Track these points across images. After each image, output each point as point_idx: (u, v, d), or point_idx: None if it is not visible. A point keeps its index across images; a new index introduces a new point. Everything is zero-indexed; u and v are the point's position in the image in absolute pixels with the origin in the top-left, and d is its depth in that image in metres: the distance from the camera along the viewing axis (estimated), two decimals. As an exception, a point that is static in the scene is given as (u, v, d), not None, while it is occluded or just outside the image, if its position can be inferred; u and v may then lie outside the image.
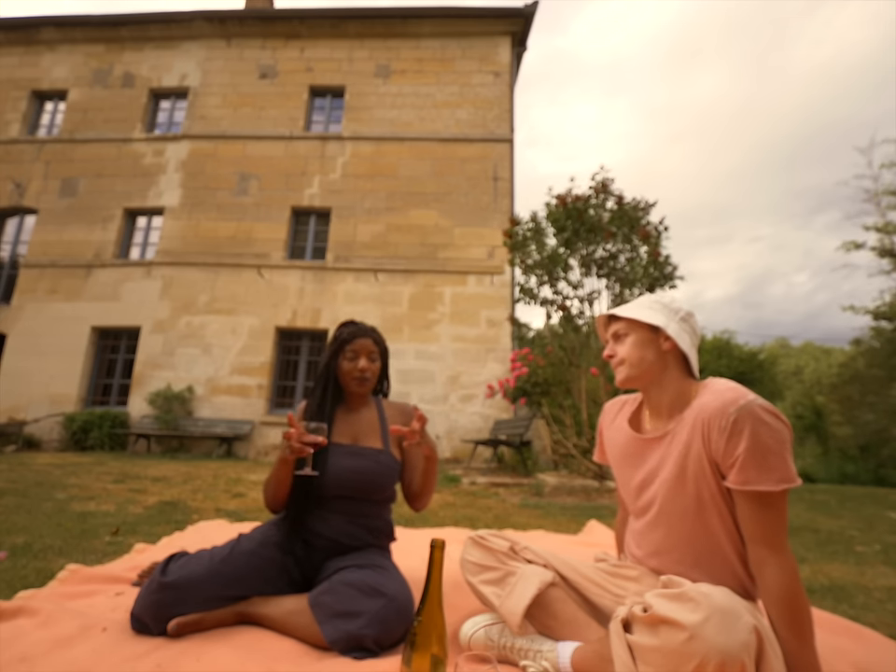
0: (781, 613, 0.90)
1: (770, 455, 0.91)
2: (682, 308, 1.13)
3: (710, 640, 0.77)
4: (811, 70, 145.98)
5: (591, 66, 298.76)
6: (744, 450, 0.92)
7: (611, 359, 1.15)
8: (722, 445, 0.95)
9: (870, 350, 13.12)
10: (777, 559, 0.92)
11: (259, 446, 8.06)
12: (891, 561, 2.43)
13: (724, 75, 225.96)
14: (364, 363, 1.46)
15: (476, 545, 1.25)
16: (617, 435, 1.22)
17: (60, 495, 3.37)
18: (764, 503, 0.93)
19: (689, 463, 1.02)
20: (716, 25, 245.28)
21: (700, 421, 1.00)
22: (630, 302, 1.18)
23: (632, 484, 1.17)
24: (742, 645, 0.78)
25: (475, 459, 7.19)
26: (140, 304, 8.84)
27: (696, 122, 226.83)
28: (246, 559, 1.28)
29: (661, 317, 1.09)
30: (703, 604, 0.82)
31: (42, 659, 1.05)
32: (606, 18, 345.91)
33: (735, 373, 18.11)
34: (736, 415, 0.93)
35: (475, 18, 9.86)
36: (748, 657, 0.78)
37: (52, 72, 10.35)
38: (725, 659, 0.76)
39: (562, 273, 5.57)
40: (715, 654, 0.76)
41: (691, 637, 0.79)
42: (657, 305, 1.13)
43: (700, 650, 0.77)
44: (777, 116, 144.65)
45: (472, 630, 1.18)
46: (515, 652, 1.10)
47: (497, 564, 1.19)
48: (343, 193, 9.26)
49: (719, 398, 0.98)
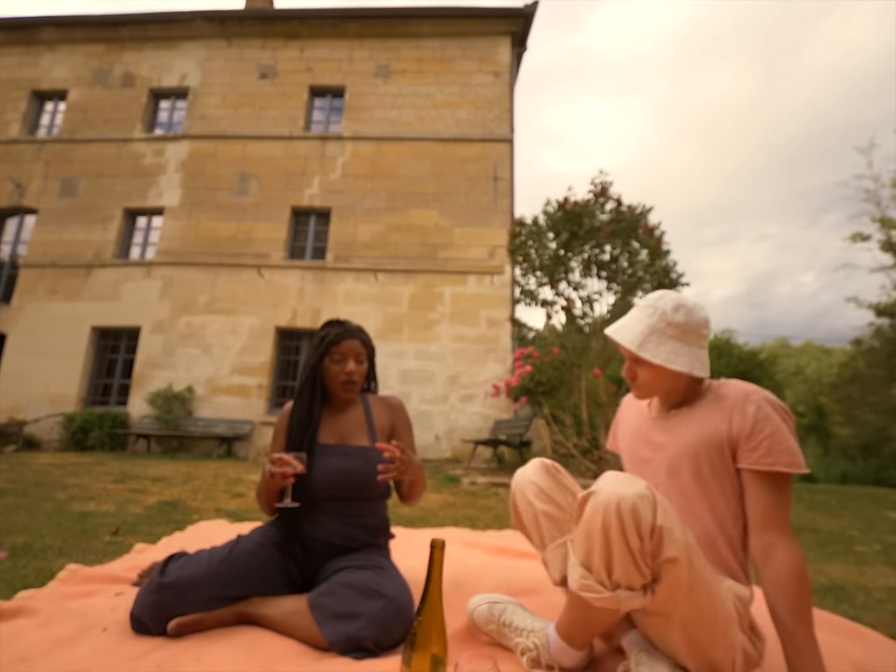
0: (788, 599, 0.93)
1: (789, 440, 1.00)
2: (678, 316, 1.10)
3: (609, 490, 0.90)
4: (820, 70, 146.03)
5: (603, 65, 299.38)
6: (769, 434, 1.00)
7: (632, 380, 1.18)
8: (748, 428, 1.02)
9: (870, 350, 13.12)
10: (786, 542, 0.97)
11: (259, 446, 8.06)
12: (891, 561, 2.43)
13: (733, 74, 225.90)
14: (352, 366, 1.43)
15: (547, 472, 1.24)
16: (633, 417, 1.28)
17: (60, 495, 3.37)
18: (779, 486, 1.00)
19: (695, 447, 1.08)
20: (727, 25, 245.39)
21: (723, 407, 1.07)
22: (629, 322, 1.15)
23: (635, 456, 1.22)
24: (635, 493, 0.87)
25: (475, 459, 7.19)
26: (140, 304, 8.84)
27: (703, 121, 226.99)
28: (246, 559, 1.28)
29: (681, 357, 1.08)
30: (607, 475, 0.95)
31: (42, 659, 1.05)
32: (621, 16, 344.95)
33: (736, 373, 18.10)
34: (758, 403, 1.03)
35: (475, 18, 9.85)
36: (641, 502, 0.86)
37: (52, 72, 10.35)
38: (620, 500, 0.87)
39: (563, 275, 5.58)
40: (613, 500, 0.87)
41: (596, 494, 0.91)
42: (661, 334, 1.10)
43: (602, 501, 0.89)
44: (784, 115, 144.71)
45: (477, 604, 1.24)
46: (512, 630, 1.15)
47: (565, 503, 1.20)
48: (343, 193, 9.26)
49: (740, 390, 1.07)
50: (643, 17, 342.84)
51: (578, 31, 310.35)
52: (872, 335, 12.91)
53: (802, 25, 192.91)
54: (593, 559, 0.90)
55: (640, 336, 1.11)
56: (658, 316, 1.11)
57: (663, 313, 1.11)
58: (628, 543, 0.86)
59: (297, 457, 1.28)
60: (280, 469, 1.24)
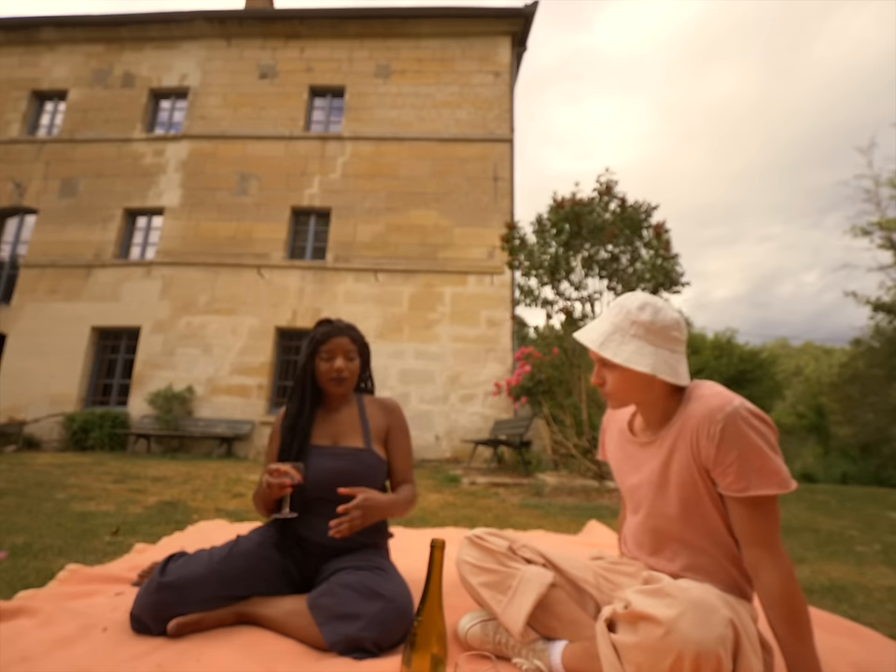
0: (779, 614, 0.90)
1: (763, 459, 0.92)
2: (643, 314, 1.04)
3: (686, 634, 0.77)
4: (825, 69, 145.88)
5: (609, 64, 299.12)
6: (737, 457, 0.93)
7: (600, 387, 1.13)
8: (713, 452, 0.95)
9: (870, 350, 13.12)
10: (772, 560, 0.92)
11: (258, 446, 8.06)
12: (891, 561, 2.43)
13: (738, 73, 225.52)
14: (340, 363, 1.43)
15: (473, 545, 1.22)
16: (617, 436, 1.24)
17: (60, 495, 3.37)
18: (759, 507, 0.94)
19: (672, 470, 1.03)
20: (733, 24, 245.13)
21: (687, 429, 1.00)
22: (596, 323, 1.11)
23: (626, 484, 1.19)
24: (718, 638, 0.77)
25: (475, 459, 7.19)
26: (140, 304, 8.84)
27: (708, 121, 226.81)
28: (245, 559, 1.28)
29: (645, 358, 1.02)
30: (679, 598, 0.82)
31: (42, 659, 1.05)
32: (627, 15, 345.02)
33: (736, 372, 18.13)
34: (724, 422, 0.94)
35: (475, 18, 9.85)
36: (724, 651, 0.77)
37: (52, 72, 10.35)
38: (701, 652, 0.76)
39: (563, 274, 5.58)
40: (691, 648, 0.76)
41: (667, 631, 0.78)
42: (624, 333, 1.05)
43: (676, 644, 0.77)
44: (789, 114, 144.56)
45: (469, 624, 1.19)
46: (510, 649, 1.12)
47: (495, 566, 1.17)
48: (343, 193, 9.26)
49: (705, 405, 0.98)
50: (649, 16, 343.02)
51: (584, 30, 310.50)
52: (871, 335, 12.92)
53: (807, 24, 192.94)
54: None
55: (603, 335, 1.06)
56: (623, 315, 1.06)
57: (628, 311, 1.06)
58: None
59: (294, 467, 1.26)
60: (278, 480, 1.23)
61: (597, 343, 1.06)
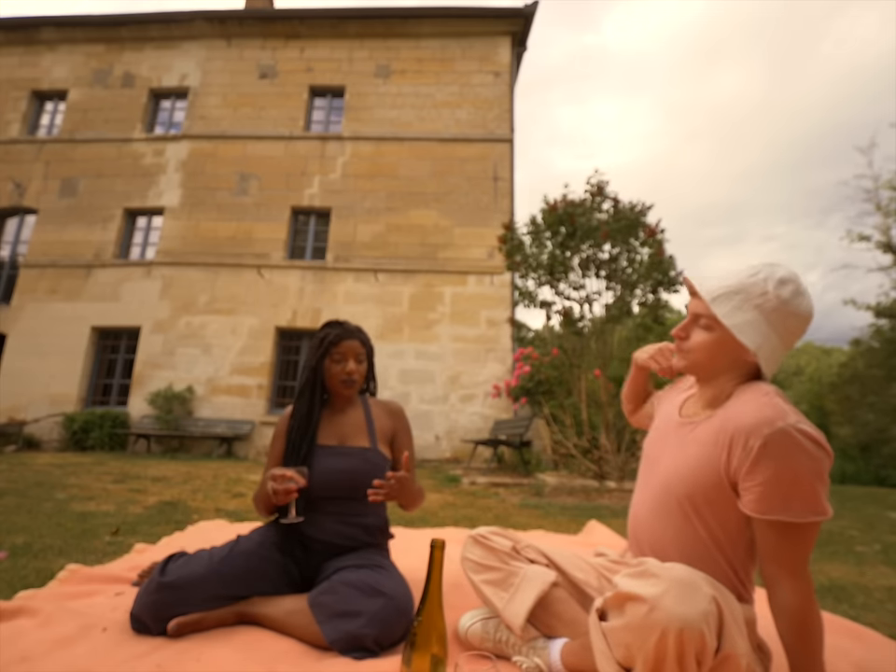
0: (790, 628, 0.88)
1: (800, 484, 0.83)
2: (783, 290, 0.93)
3: (669, 610, 0.77)
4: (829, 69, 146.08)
5: (614, 64, 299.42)
6: (768, 478, 0.84)
7: (680, 339, 1.02)
8: (745, 466, 0.87)
9: (870, 350, 13.12)
10: (791, 582, 0.87)
11: (259, 446, 8.06)
12: (891, 561, 2.43)
13: (742, 73, 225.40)
14: (352, 366, 1.44)
15: (478, 543, 1.23)
16: (667, 406, 1.18)
17: (60, 495, 3.37)
18: (785, 532, 0.86)
19: (695, 464, 0.97)
20: (737, 24, 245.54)
21: (726, 430, 0.92)
22: (722, 274, 0.98)
23: (650, 450, 1.14)
24: (701, 614, 0.77)
25: (475, 459, 7.19)
26: (140, 304, 8.84)
27: (711, 121, 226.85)
28: (246, 559, 1.28)
29: (756, 334, 0.93)
30: (663, 577, 0.81)
31: (42, 659, 1.05)
32: (633, 15, 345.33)
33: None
34: (768, 439, 0.84)
35: (475, 18, 9.85)
36: (707, 627, 0.77)
37: (52, 72, 10.35)
38: (684, 628, 0.75)
39: (562, 275, 5.58)
40: (675, 625, 0.76)
41: (651, 608, 0.78)
42: (748, 298, 0.94)
43: (661, 620, 0.77)
44: (792, 114, 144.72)
45: (470, 622, 1.20)
46: (510, 647, 1.12)
47: (498, 564, 1.18)
48: (343, 193, 9.26)
49: (755, 413, 0.88)
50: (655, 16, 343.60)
51: (589, 30, 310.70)
52: (871, 335, 12.91)
53: (811, 24, 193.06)
54: (635, 666, 0.81)
55: (722, 290, 0.94)
56: (759, 280, 0.94)
57: (766, 278, 0.94)
58: (684, 669, 0.77)
59: (298, 471, 1.25)
60: (283, 486, 1.22)
61: (711, 294, 0.95)
